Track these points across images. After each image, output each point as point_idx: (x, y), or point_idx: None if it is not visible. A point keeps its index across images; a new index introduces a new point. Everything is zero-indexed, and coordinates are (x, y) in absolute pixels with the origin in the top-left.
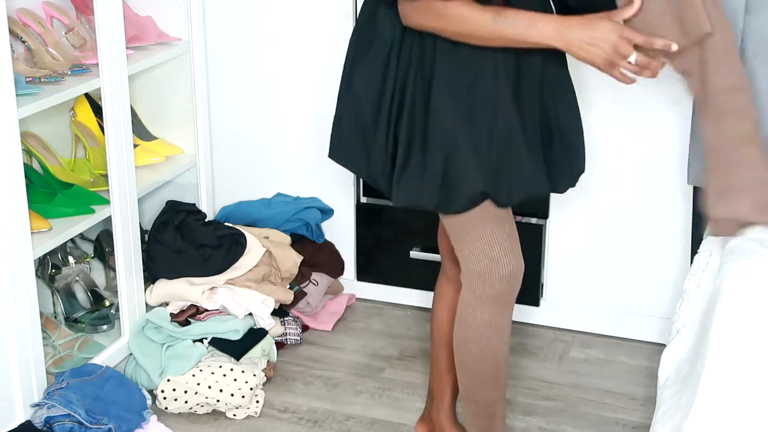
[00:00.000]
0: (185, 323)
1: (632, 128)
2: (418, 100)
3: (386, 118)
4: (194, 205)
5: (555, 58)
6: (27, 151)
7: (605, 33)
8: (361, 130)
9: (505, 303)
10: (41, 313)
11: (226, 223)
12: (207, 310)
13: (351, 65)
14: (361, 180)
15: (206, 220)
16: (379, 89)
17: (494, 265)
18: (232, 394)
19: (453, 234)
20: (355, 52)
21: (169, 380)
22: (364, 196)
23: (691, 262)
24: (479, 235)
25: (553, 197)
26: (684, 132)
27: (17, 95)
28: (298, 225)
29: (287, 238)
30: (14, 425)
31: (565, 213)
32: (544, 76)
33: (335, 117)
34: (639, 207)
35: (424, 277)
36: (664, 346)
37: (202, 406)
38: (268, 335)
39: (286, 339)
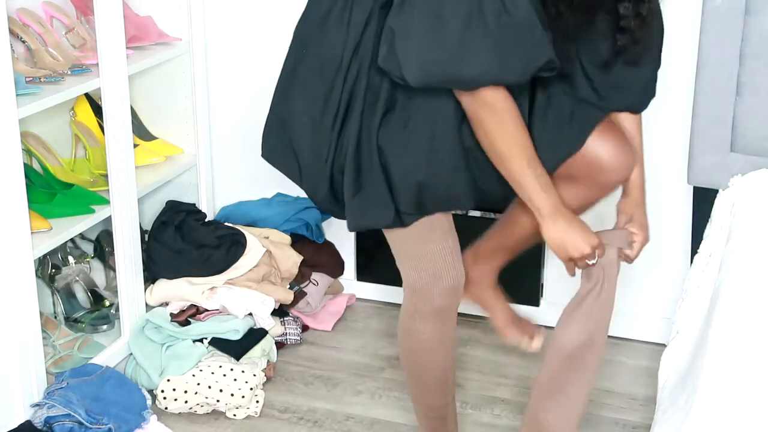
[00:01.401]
0: (185, 323)
1: None
2: (367, 124)
3: (328, 140)
4: (194, 205)
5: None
6: (27, 151)
7: (583, 238)
8: (292, 145)
9: (446, 315)
10: (41, 313)
11: (226, 223)
12: (207, 310)
13: (292, 72)
14: None
15: (206, 220)
16: (321, 110)
17: (436, 281)
18: (232, 394)
19: (396, 248)
20: (297, 58)
21: (169, 380)
22: None
23: (691, 262)
24: (423, 252)
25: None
26: (684, 132)
27: (17, 95)
28: (298, 225)
29: (287, 238)
30: (14, 425)
31: None
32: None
33: (268, 117)
34: None
35: None
36: (664, 346)
37: (202, 406)
38: (268, 335)
39: (286, 339)
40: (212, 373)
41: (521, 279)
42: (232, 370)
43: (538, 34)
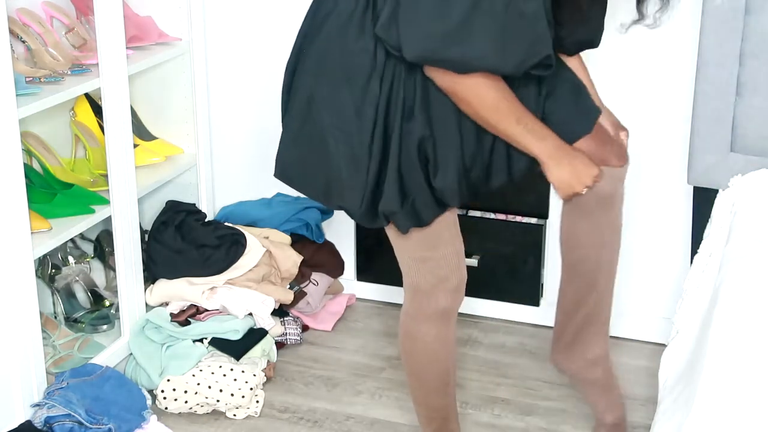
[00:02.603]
0: (185, 323)
1: (632, 128)
2: (406, 130)
3: (367, 152)
4: (194, 205)
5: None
6: (27, 151)
7: (585, 172)
8: (324, 159)
9: (449, 316)
10: (41, 313)
11: (226, 223)
12: (207, 310)
13: (313, 85)
14: None
15: (206, 220)
16: (355, 122)
17: (441, 284)
18: (232, 394)
19: (401, 252)
20: (318, 71)
21: (169, 380)
22: None
23: (691, 262)
24: (431, 256)
25: (553, 197)
26: (684, 132)
27: (17, 95)
28: (298, 225)
29: (287, 238)
30: (14, 425)
31: None
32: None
33: (286, 137)
34: (639, 207)
35: None
36: (664, 346)
37: (202, 406)
38: (268, 335)
39: (286, 339)
40: (212, 373)
41: (521, 279)
42: (232, 370)
43: (541, 29)
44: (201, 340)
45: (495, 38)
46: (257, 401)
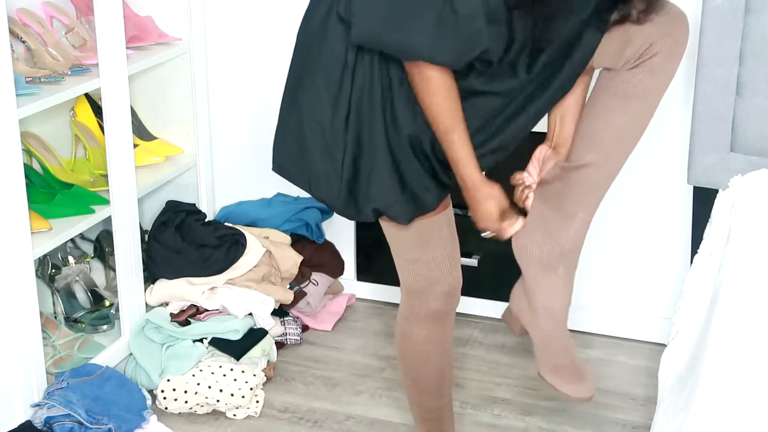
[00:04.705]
0: (185, 323)
1: None
2: (390, 119)
3: (342, 144)
4: (194, 205)
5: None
6: (27, 151)
7: (483, 220)
8: (304, 150)
9: (444, 318)
10: (41, 313)
11: (226, 223)
12: (207, 310)
13: (298, 77)
14: None
15: (206, 220)
16: (330, 113)
17: (432, 286)
18: (232, 394)
19: (395, 252)
20: (302, 62)
21: (169, 380)
22: None
23: (691, 262)
24: (420, 258)
25: None
26: (684, 132)
27: (17, 95)
28: (298, 225)
29: (287, 238)
30: (14, 425)
31: None
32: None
33: (277, 129)
34: (639, 207)
35: None
36: (664, 346)
37: (202, 406)
38: (268, 335)
39: (286, 339)
40: (212, 373)
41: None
42: (232, 370)
43: (476, 25)
44: (201, 340)
45: (430, 30)
46: (257, 401)
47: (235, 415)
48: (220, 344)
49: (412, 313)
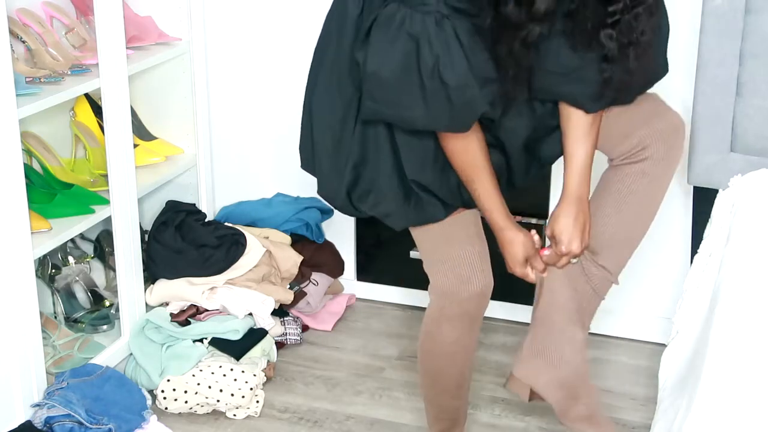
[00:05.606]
0: (185, 323)
1: None
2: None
3: (347, 149)
4: (194, 205)
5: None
6: (27, 151)
7: (509, 262)
8: (316, 147)
9: (472, 321)
10: (41, 313)
11: (226, 223)
12: (207, 310)
13: (314, 75)
14: None
15: (206, 220)
16: (340, 118)
17: (463, 285)
18: (232, 394)
19: (424, 252)
20: (319, 63)
21: (169, 380)
22: None
23: (691, 262)
24: (450, 255)
25: (554, 198)
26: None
27: (17, 95)
28: (298, 225)
29: (287, 238)
30: (14, 425)
31: None
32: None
33: (302, 126)
34: None
35: (423, 277)
36: (664, 346)
37: (202, 406)
38: (268, 335)
39: (286, 339)
40: (212, 373)
41: (521, 279)
42: (232, 370)
43: (469, 93)
44: (201, 340)
45: (421, 103)
46: (257, 401)
47: (235, 415)
48: (220, 344)
49: (442, 314)
